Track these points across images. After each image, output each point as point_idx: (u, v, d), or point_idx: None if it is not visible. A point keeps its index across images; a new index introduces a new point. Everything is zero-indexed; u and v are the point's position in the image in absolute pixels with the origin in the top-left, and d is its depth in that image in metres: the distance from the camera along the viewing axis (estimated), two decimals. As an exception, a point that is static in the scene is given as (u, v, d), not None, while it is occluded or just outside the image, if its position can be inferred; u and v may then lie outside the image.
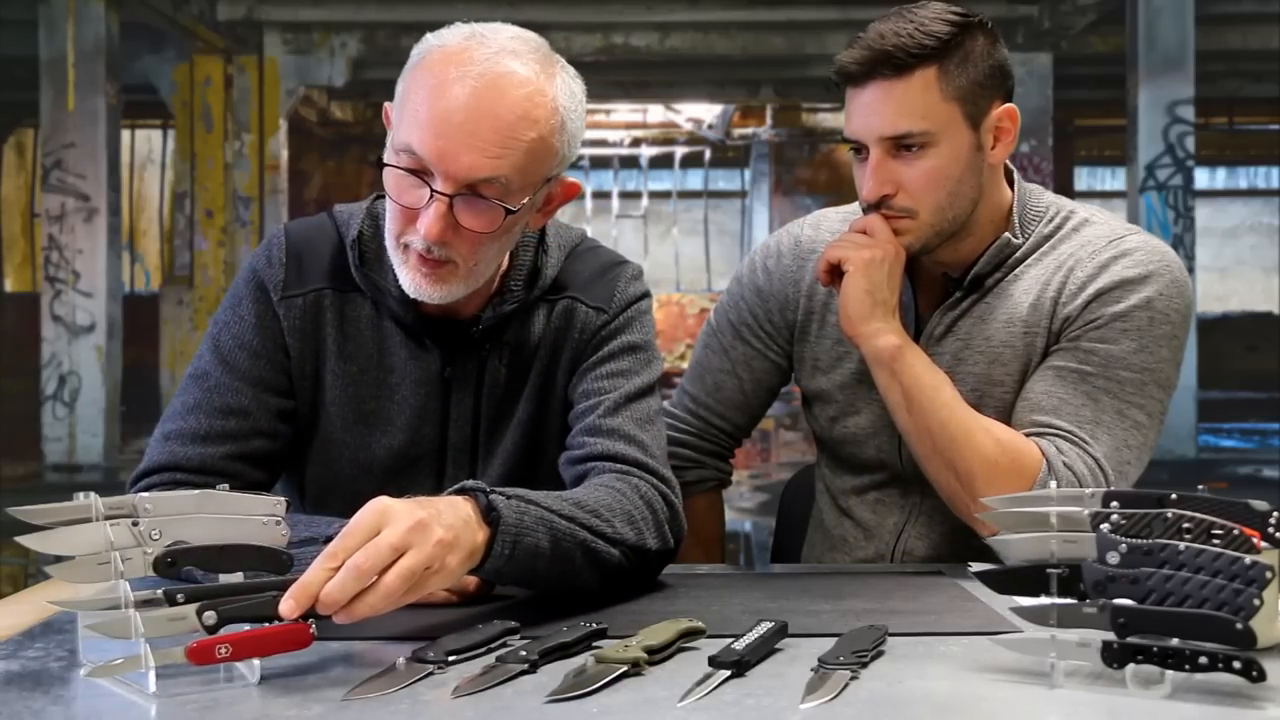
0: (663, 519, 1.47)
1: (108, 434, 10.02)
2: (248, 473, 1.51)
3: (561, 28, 11.34)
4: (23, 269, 15.50)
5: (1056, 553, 1.10)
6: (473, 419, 1.57)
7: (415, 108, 1.38)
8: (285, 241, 1.57)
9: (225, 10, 11.31)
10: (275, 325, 1.54)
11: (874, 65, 1.60)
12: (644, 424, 1.55)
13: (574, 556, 1.34)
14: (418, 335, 1.55)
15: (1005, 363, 1.68)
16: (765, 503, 7.89)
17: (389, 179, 1.42)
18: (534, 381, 1.58)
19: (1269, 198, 17.90)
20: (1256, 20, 11.19)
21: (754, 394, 1.88)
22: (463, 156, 1.36)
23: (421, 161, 1.38)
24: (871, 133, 1.62)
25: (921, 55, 1.59)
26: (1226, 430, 12.26)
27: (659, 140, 16.76)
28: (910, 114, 1.60)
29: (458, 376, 1.55)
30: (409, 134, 1.38)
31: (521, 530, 1.28)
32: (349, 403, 1.56)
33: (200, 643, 1.05)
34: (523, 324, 1.57)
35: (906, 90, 1.59)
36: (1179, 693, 1.02)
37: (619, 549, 1.39)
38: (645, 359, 1.60)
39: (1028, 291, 1.68)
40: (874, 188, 1.63)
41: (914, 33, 1.59)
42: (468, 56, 1.38)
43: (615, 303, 1.59)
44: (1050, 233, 1.71)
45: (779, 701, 1.02)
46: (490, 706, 1.01)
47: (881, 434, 1.77)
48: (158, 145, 15.73)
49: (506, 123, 1.37)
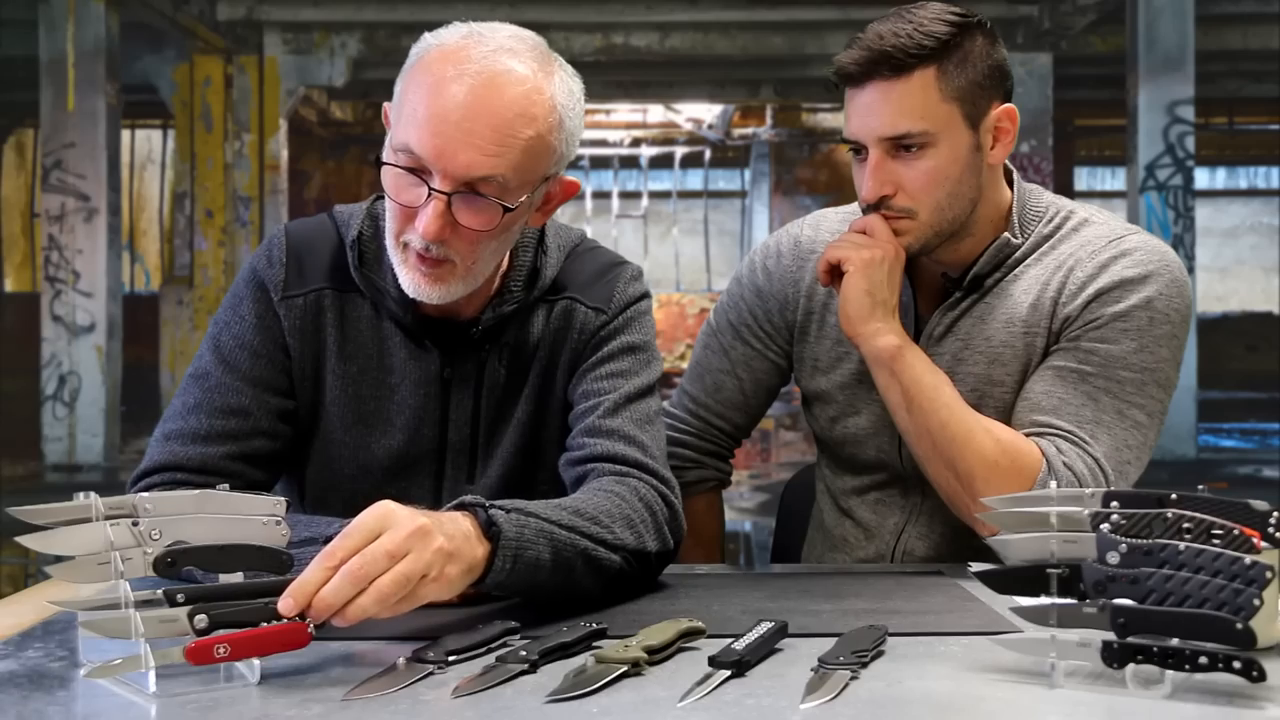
0: (662, 520, 1.47)
1: (108, 434, 10.01)
2: (248, 472, 1.51)
3: (561, 28, 11.34)
4: (23, 269, 15.51)
5: (1056, 553, 1.10)
6: (472, 419, 1.56)
7: (413, 107, 1.38)
8: (285, 242, 1.57)
9: (225, 10, 11.31)
10: (276, 325, 1.54)
11: (873, 66, 1.59)
12: (644, 424, 1.54)
13: (575, 565, 1.34)
14: (417, 336, 1.54)
15: (1005, 363, 1.68)
16: (765, 503, 7.89)
17: (387, 178, 1.42)
18: (533, 382, 1.57)
19: (1269, 198, 17.90)
20: (1256, 20, 11.19)
21: (754, 394, 1.88)
22: (460, 155, 1.36)
23: (420, 160, 1.38)
24: (871, 133, 1.61)
25: (921, 56, 1.58)
26: (1226, 430, 12.26)
27: (659, 140, 16.77)
28: (909, 114, 1.59)
29: (457, 377, 1.55)
30: (407, 133, 1.38)
31: (522, 544, 1.27)
32: (349, 403, 1.56)
33: (199, 643, 1.05)
34: (522, 325, 1.57)
35: (906, 91, 1.59)
36: (1179, 693, 1.02)
37: (620, 554, 1.39)
38: (645, 359, 1.60)
39: (1028, 291, 1.68)
40: (873, 188, 1.63)
41: (913, 33, 1.58)
42: (465, 55, 1.38)
43: (614, 303, 1.59)
44: (1050, 233, 1.71)
45: (779, 701, 1.02)
46: (490, 706, 1.01)
47: (882, 434, 1.76)
48: (158, 145, 15.73)
49: (504, 120, 1.37)
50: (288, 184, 12.12)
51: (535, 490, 1.55)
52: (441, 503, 1.48)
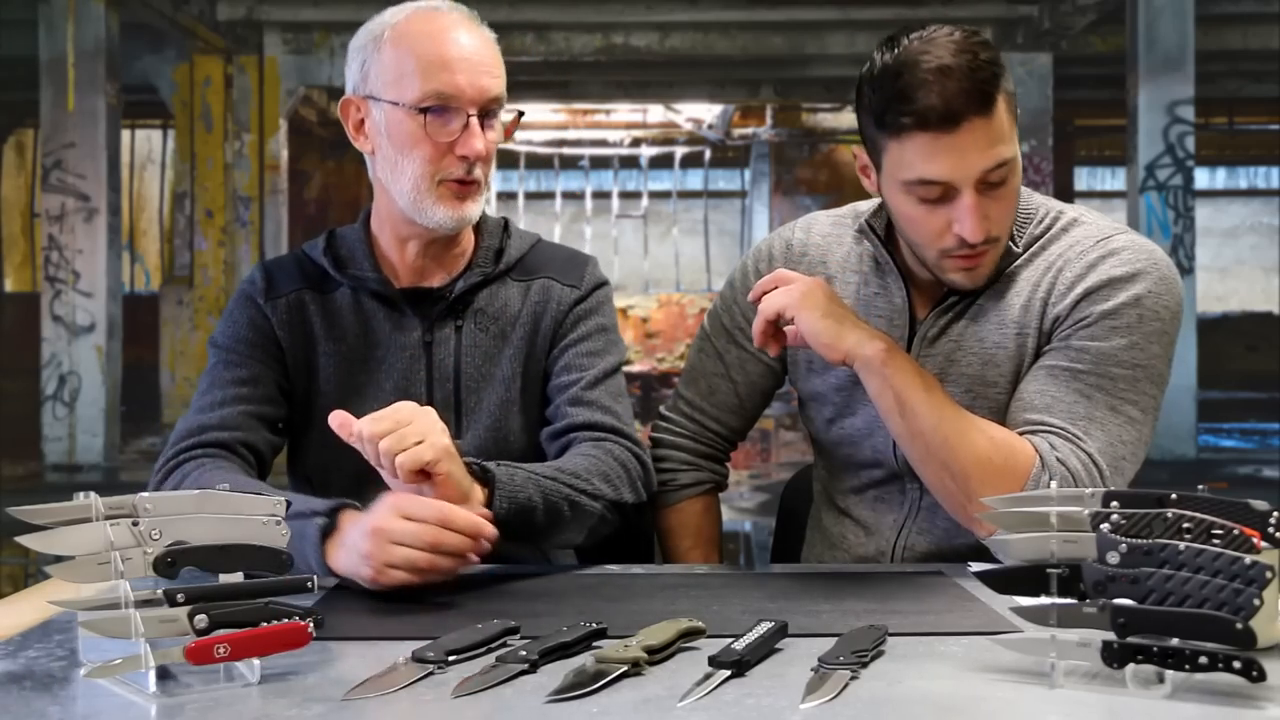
0: (635, 476, 1.72)
1: (108, 434, 10.00)
2: (261, 430, 1.72)
3: (561, 28, 11.35)
4: (23, 269, 15.50)
5: (1056, 553, 1.10)
6: (454, 378, 1.75)
7: (425, 59, 1.64)
8: (262, 265, 1.82)
9: (225, 10, 11.30)
10: (266, 323, 1.76)
11: (969, 103, 1.53)
12: (617, 397, 1.79)
13: (562, 509, 1.58)
14: (399, 306, 1.76)
15: (999, 364, 1.68)
16: (765, 503, 7.89)
17: (417, 129, 1.65)
18: (516, 344, 1.78)
19: (1269, 198, 17.89)
20: (1256, 20, 11.18)
21: (748, 397, 1.89)
22: (482, 79, 1.66)
23: (449, 98, 1.64)
24: (973, 171, 1.55)
25: (996, 83, 1.54)
26: (1226, 430, 12.25)
27: (659, 140, 16.76)
28: (1003, 143, 1.56)
29: (437, 340, 1.76)
30: (428, 81, 1.64)
31: (514, 487, 1.52)
32: (342, 378, 1.76)
33: (199, 642, 1.05)
34: (495, 296, 1.79)
35: (997, 122, 1.55)
36: (1179, 693, 1.02)
37: (600, 503, 1.64)
38: (613, 340, 1.84)
39: (1019, 293, 1.68)
40: (983, 227, 1.58)
41: (982, 63, 1.53)
42: (439, 13, 1.69)
43: (586, 282, 1.83)
44: (1040, 234, 1.71)
45: (779, 701, 1.02)
46: (490, 706, 1.01)
47: (877, 434, 1.77)
48: (158, 145, 15.73)
49: (494, 50, 1.70)
50: (288, 184, 12.11)
51: (519, 444, 1.77)
52: None
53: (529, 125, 16.78)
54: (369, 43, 1.70)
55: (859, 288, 1.79)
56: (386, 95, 1.67)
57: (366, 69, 1.69)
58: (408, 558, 1.36)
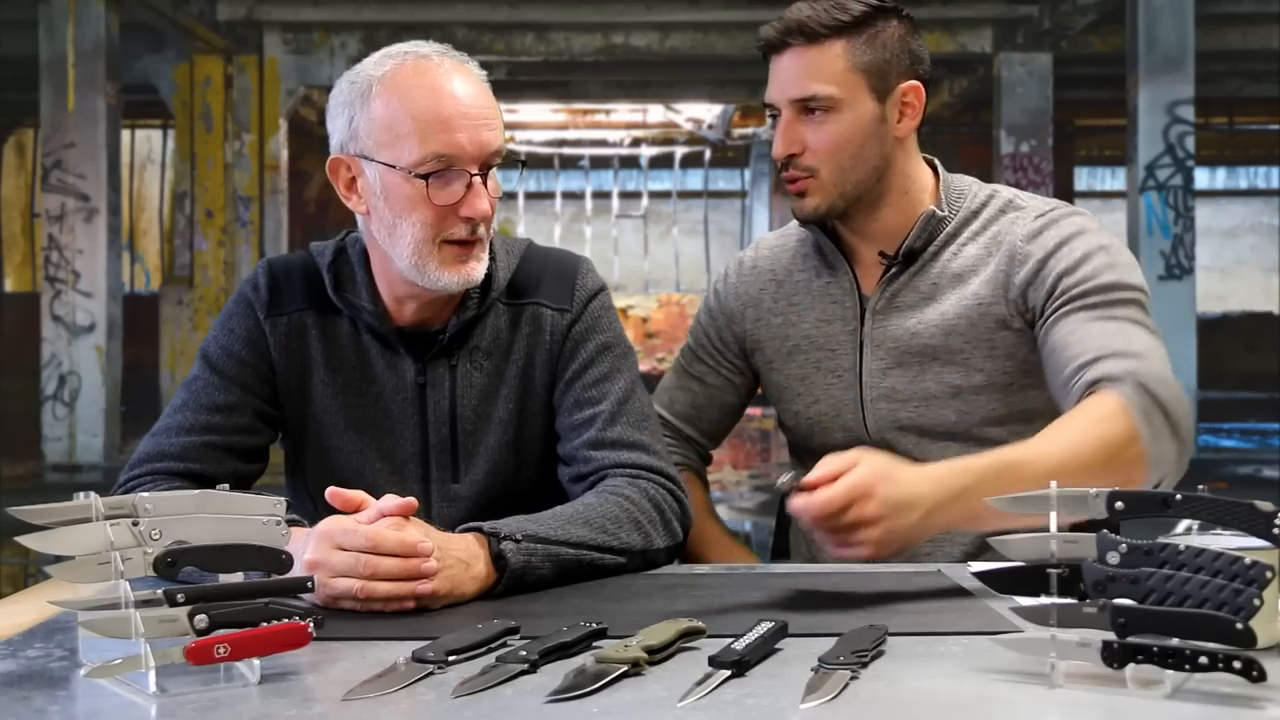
0: (671, 516, 1.59)
1: (108, 434, 10.01)
2: (227, 461, 1.62)
3: (561, 28, 11.36)
4: (23, 269, 15.52)
5: (1056, 553, 1.10)
6: (450, 421, 1.65)
7: (421, 118, 1.51)
8: (268, 269, 1.70)
9: (225, 10, 11.31)
10: (262, 341, 1.66)
11: (789, 34, 1.75)
12: (641, 424, 1.65)
13: (577, 576, 1.47)
14: (393, 345, 1.65)
15: (962, 331, 1.75)
16: (765, 503, 7.90)
17: (418, 191, 1.53)
18: (511, 383, 1.66)
19: (1269, 198, 17.92)
20: (1256, 20, 11.20)
21: (706, 408, 1.96)
22: (483, 135, 1.54)
23: (450, 158, 1.52)
24: (783, 94, 1.77)
25: (832, 28, 1.73)
26: (1226, 430, 12.26)
27: (659, 140, 16.78)
28: (817, 78, 1.73)
29: (431, 382, 1.65)
30: (427, 143, 1.51)
31: (527, 570, 1.41)
32: (339, 410, 1.66)
33: (199, 642, 1.05)
34: (488, 328, 1.67)
35: (816, 57, 1.74)
36: (1179, 693, 1.02)
37: (625, 556, 1.51)
38: (621, 354, 1.70)
39: (974, 269, 1.77)
40: (782, 145, 1.77)
41: (829, 9, 1.74)
42: (428, 63, 1.55)
43: (576, 300, 1.69)
44: (978, 208, 1.80)
45: (779, 701, 1.02)
46: (490, 706, 1.01)
47: (844, 412, 1.82)
48: (158, 145, 15.75)
49: (490, 97, 1.58)
50: (288, 184, 12.13)
51: (520, 485, 1.66)
52: (431, 504, 1.64)
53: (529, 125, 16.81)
54: (355, 98, 1.56)
55: (810, 280, 1.87)
56: (380, 156, 1.54)
57: (355, 126, 1.56)
58: (349, 589, 1.30)
